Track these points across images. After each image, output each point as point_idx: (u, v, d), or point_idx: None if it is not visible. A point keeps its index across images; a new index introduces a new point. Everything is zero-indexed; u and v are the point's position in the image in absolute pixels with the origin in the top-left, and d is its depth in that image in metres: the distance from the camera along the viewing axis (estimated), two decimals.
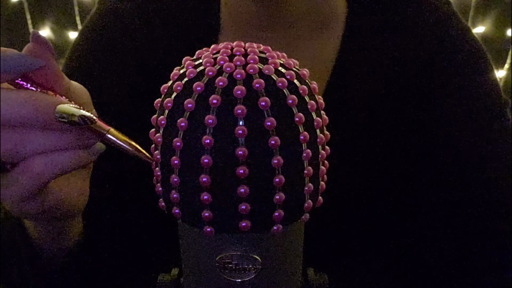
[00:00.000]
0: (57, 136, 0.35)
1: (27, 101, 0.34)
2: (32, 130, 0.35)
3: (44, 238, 0.48)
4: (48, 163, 0.36)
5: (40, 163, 0.36)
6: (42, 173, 0.36)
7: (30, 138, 0.35)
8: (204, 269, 0.35)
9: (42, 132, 0.35)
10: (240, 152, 0.31)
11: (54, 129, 0.35)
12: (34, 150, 0.35)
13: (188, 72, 0.33)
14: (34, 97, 0.35)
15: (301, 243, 0.37)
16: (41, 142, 0.35)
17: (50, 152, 0.36)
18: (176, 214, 0.34)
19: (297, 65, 0.35)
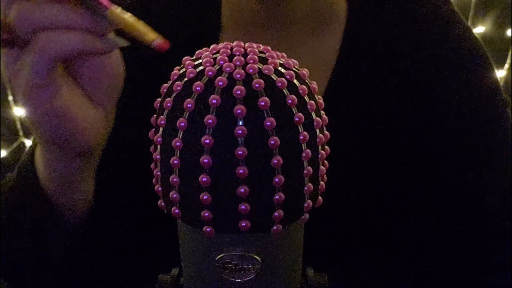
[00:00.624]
0: (65, 12, 0.37)
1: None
2: (42, 3, 0.37)
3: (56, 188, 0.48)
4: (52, 37, 0.37)
5: (45, 37, 0.37)
6: (46, 47, 0.37)
7: (39, 9, 0.37)
8: (204, 269, 0.35)
9: (52, 6, 0.37)
10: (240, 152, 0.31)
11: (63, 6, 0.37)
12: (41, 22, 0.37)
13: (188, 72, 0.33)
14: None
15: (301, 243, 0.37)
16: (49, 15, 0.37)
17: (57, 30, 0.37)
18: (176, 214, 0.33)
19: (296, 65, 0.35)
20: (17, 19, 0.38)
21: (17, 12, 0.38)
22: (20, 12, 0.37)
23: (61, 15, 0.37)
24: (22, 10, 0.37)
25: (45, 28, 0.38)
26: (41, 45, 0.37)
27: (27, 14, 0.37)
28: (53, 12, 0.37)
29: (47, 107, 0.40)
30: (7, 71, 0.40)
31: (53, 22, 0.37)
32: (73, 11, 0.37)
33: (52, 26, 0.37)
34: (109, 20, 0.37)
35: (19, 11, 0.38)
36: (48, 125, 0.41)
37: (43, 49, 0.37)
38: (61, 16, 0.37)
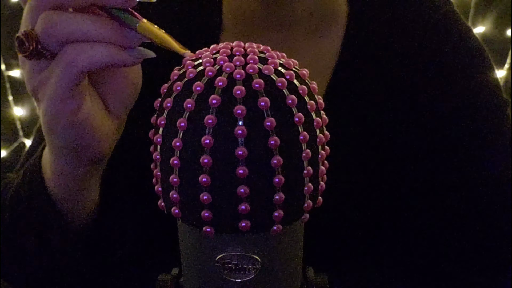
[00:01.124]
0: (94, 25, 0.36)
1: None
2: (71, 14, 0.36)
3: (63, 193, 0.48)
4: (80, 50, 0.36)
5: (73, 49, 0.36)
6: (74, 60, 0.36)
7: (69, 21, 0.36)
8: (204, 269, 0.35)
9: (80, 18, 0.36)
10: (240, 152, 0.31)
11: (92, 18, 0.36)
12: (70, 33, 0.36)
13: (188, 72, 0.33)
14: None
15: (301, 243, 0.37)
16: (79, 27, 0.36)
17: (84, 42, 0.36)
18: (176, 214, 0.33)
19: (296, 65, 0.35)
20: (44, 31, 0.37)
21: (44, 24, 0.37)
22: (47, 24, 0.37)
23: (89, 27, 0.36)
24: (49, 22, 0.37)
25: (73, 40, 0.37)
26: (69, 58, 0.37)
27: (55, 25, 0.36)
28: (81, 24, 0.36)
29: (70, 119, 0.39)
30: (31, 82, 0.40)
31: (81, 34, 0.36)
32: (102, 23, 0.37)
33: (80, 38, 0.37)
34: (139, 33, 0.37)
35: (46, 22, 0.37)
36: (68, 135, 0.41)
37: (71, 62, 0.37)
38: (90, 28, 0.36)
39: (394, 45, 0.62)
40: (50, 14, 0.37)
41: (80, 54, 0.36)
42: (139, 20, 0.37)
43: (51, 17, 0.37)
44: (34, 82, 0.39)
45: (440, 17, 0.63)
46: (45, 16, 0.37)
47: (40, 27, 0.37)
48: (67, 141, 0.42)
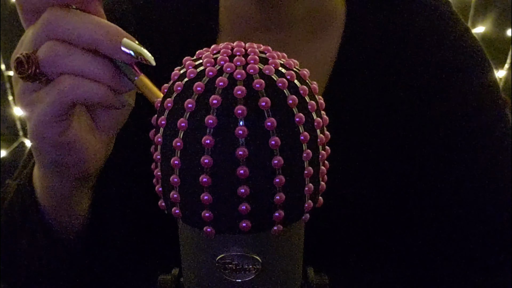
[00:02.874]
0: (95, 65, 0.37)
1: (100, 24, 0.37)
2: (77, 50, 0.37)
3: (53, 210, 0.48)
4: (76, 83, 0.37)
5: (70, 81, 0.37)
6: (68, 91, 0.37)
7: (73, 56, 0.37)
8: (204, 269, 0.35)
9: (86, 56, 0.37)
10: (240, 152, 0.31)
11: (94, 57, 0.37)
12: (70, 68, 0.37)
13: (188, 72, 0.33)
14: (105, 23, 0.37)
15: (301, 243, 0.37)
16: (80, 64, 0.37)
17: (82, 77, 0.37)
18: (176, 214, 0.34)
19: (297, 65, 0.35)
20: (47, 59, 0.37)
21: (48, 52, 0.37)
22: (52, 53, 0.37)
23: (90, 66, 0.37)
24: (53, 50, 0.37)
25: (71, 72, 0.37)
26: (64, 88, 0.37)
27: (59, 57, 0.37)
28: (83, 61, 0.37)
29: (57, 140, 0.40)
30: (22, 100, 0.40)
31: (81, 70, 0.37)
32: (102, 65, 0.38)
33: (79, 73, 0.37)
34: (134, 84, 0.38)
35: (51, 51, 0.37)
36: (54, 154, 0.42)
37: (65, 92, 0.37)
38: (90, 67, 0.37)
39: (392, 46, 0.62)
40: (57, 45, 0.37)
41: (75, 87, 0.37)
42: (138, 75, 0.38)
43: (57, 48, 0.37)
44: (24, 100, 0.40)
45: (438, 18, 0.63)
46: (52, 46, 0.37)
47: (44, 54, 0.37)
48: (53, 160, 0.42)
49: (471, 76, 0.62)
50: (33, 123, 0.40)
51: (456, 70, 0.62)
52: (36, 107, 0.39)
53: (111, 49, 0.37)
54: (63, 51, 0.37)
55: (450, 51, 0.62)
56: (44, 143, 0.41)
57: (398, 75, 0.61)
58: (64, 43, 0.37)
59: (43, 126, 0.39)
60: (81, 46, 0.37)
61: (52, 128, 0.39)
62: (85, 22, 0.37)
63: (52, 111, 0.38)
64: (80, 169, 0.44)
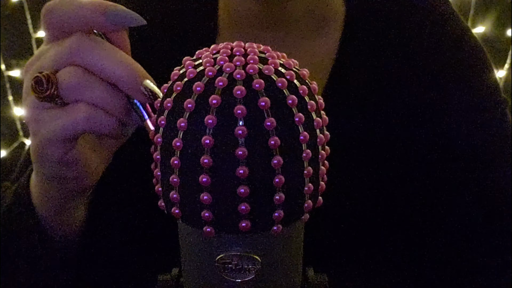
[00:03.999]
0: (113, 98, 0.38)
1: (125, 61, 0.37)
2: (98, 80, 0.37)
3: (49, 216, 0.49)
4: (92, 114, 0.37)
5: (86, 110, 0.37)
6: (82, 120, 0.37)
7: (93, 86, 0.37)
8: (204, 269, 0.35)
9: (105, 88, 0.37)
10: (240, 152, 0.31)
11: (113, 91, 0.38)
12: (89, 97, 0.37)
13: (188, 72, 0.33)
14: (130, 61, 0.38)
15: (301, 243, 0.37)
16: (99, 95, 0.37)
17: (96, 108, 0.38)
18: (176, 214, 0.34)
19: (297, 65, 0.35)
20: (68, 83, 0.37)
21: (70, 76, 0.37)
22: (74, 78, 0.37)
23: (109, 98, 0.38)
24: (76, 77, 0.37)
25: (89, 101, 0.38)
26: (79, 116, 0.38)
27: (80, 83, 0.37)
28: (103, 92, 0.37)
29: (59, 158, 0.40)
30: (30, 114, 0.40)
31: (99, 101, 0.37)
32: (119, 98, 0.38)
33: (96, 103, 0.38)
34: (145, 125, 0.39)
35: (73, 76, 0.37)
36: (54, 170, 0.42)
37: (79, 120, 0.38)
38: (109, 99, 0.38)
39: (391, 45, 0.62)
40: (80, 72, 0.37)
41: (89, 118, 0.38)
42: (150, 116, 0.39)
43: (79, 75, 0.37)
44: (34, 116, 0.40)
45: (437, 17, 0.63)
46: (74, 72, 0.37)
47: (66, 78, 0.37)
48: (53, 174, 0.42)
49: (471, 76, 0.62)
50: (39, 140, 0.40)
51: (456, 70, 0.62)
52: (45, 125, 0.39)
53: (131, 89, 0.37)
54: (85, 79, 0.37)
55: (450, 51, 0.62)
56: (47, 160, 0.41)
57: (397, 75, 0.61)
58: (87, 72, 0.37)
59: (49, 145, 0.39)
60: (102, 78, 0.38)
61: (57, 148, 0.39)
62: (111, 56, 0.37)
63: (62, 134, 0.38)
64: (79, 183, 0.44)
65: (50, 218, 0.49)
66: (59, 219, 0.50)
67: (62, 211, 0.49)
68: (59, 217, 0.50)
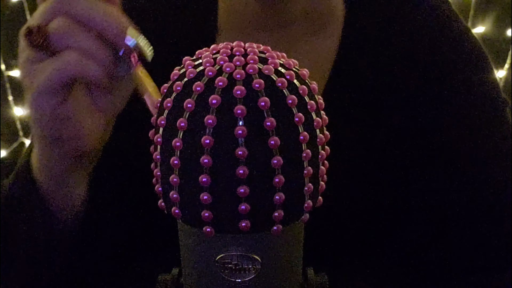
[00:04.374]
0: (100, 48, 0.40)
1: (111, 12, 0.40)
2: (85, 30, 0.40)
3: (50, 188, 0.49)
4: (79, 59, 0.40)
5: (73, 55, 0.40)
6: (70, 64, 0.40)
7: (81, 34, 0.40)
8: (204, 269, 0.35)
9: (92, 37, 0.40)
10: (240, 152, 0.31)
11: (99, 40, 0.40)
12: (77, 45, 0.40)
13: (188, 72, 0.33)
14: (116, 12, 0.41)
15: (301, 243, 0.37)
16: (86, 43, 0.40)
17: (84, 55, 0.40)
18: (176, 214, 0.34)
19: (296, 65, 0.35)
20: (57, 33, 0.40)
21: (59, 25, 0.40)
22: (62, 27, 0.40)
23: (96, 47, 0.40)
24: (65, 26, 0.40)
25: (77, 49, 0.40)
26: (67, 61, 0.40)
27: (68, 31, 0.40)
28: (90, 41, 0.40)
29: (54, 112, 0.42)
30: (24, 69, 0.42)
31: (86, 49, 0.40)
32: (106, 48, 0.40)
33: (83, 51, 0.40)
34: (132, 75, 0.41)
35: (62, 25, 0.40)
36: (50, 127, 0.43)
37: (66, 64, 0.40)
38: (95, 47, 0.40)
39: (391, 45, 0.62)
40: (68, 21, 0.40)
41: (77, 62, 0.40)
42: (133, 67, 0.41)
43: (68, 24, 0.40)
44: (26, 70, 0.42)
45: (437, 17, 0.63)
46: (64, 21, 0.40)
47: (55, 27, 0.40)
48: (49, 132, 0.44)
49: (471, 76, 0.62)
50: (32, 92, 0.42)
51: (456, 70, 0.62)
52: (37, 77, 0.41)
53: (116, 36, 0.40)
54: (72, 28, 0.40)
55: (450, 51, 0.62)
56: (41, 115, 0.42)
57: (397, 75, 0.61)
58: (75, 22, 0.40)
59: (41, 96, 0.41)
60: (89, 28, 0.40)
61: (49, 99, 0.41)
62: (97, 6, 0.40)
63: (52, 81, 0.40)
64: (75, 145, 0.45)
65: (51, 193, 0.50)
66: (59, 194, 0.50)
67: (62, 184, 0.49)
68: (60, 192, 0.50)
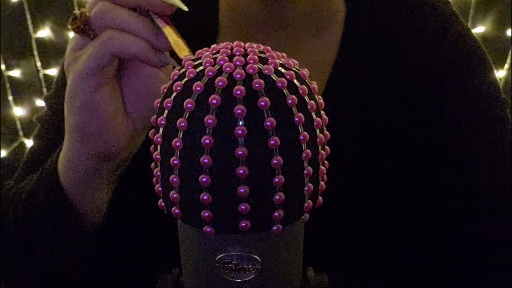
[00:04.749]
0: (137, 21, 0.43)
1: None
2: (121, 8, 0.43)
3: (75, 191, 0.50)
4: (117, 35, 0.43)
5: (112, 32, 0.43)
6: (109, 41, 0.43)
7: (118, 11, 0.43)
8: (204, 269, 0.35)
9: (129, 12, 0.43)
10: (240, 152, 0.31)
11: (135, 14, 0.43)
12: (115, 21, 0.43)
13: (188, 72, 0.33)
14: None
15: (301, 243, 0.37)
16: (125, 19, 0.43)
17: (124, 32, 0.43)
18: (176, 214, 0.34)
19: (297, 65, 0.35)
20: (95, 15, 0.43)
21: (97, 10, 0.44)
22: (99, 11, 0.43)
23: (131, 21, 0.43)
24: (101, 9, 0.43)
25: (114, 27, 0.43)
26: (106, 38, 0.43)
27: (105, 13, 0.43)
28: (126, 17, 0.43)
29: (86, 98, 0.44)
30: (69, 57, 0.46)
31: (124, 24, 0.43)
32: (143, 22, 0.43)
33: (121, 27, 0.43)
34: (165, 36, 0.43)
35: (99, 9, 0.44)
36: (81, 114, 0.45)
37: (106, 42, 0.43)
38: (132, 21, 0.43)
39: (391, 45, 0.62)
40: (106, 3, 0.44)
41: (116, 38, 0.43)
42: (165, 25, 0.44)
43: (105, 5, 0.44)
44: (71, 57, 0.45)
45: (437, 17, 0.63)
46: (101, 4, 0.44)
47: (93, 12, 0.44)
48: (79, 121, 0.46)
49: (471, 76, 0.62)
50: (70, 78, 0.44)
51: (456, 70, 0.62)
52: (79, 61, 0.44)
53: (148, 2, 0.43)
54: (109, 8, 0.43)
55: (450, 51, 0.62)
56: (74, 101, 0.45)
57: (397, 75, 0.61)
58: (112, 4, 0.43)
59: (77, 79, 0.44)
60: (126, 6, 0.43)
61: (85, 83, 0.44)
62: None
63: (90, 61, 0.43)
64: (100, 143, 0.46)
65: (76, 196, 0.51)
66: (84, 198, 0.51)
67: (86, 188, 0.50)
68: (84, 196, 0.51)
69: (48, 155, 0.55)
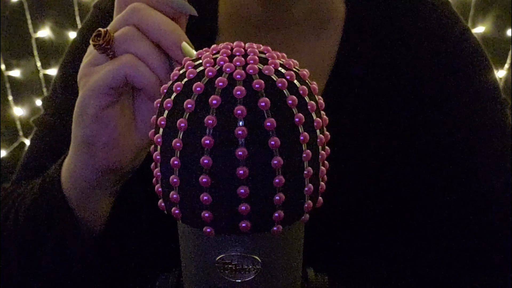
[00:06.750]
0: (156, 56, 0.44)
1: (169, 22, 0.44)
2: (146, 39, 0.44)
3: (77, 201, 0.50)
4: (135, 63, 0.43)
5: (131, 58, 0.43)
6: (126, 65, 0.43)
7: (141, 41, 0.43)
8: (204, 270, 0.35)
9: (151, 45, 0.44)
10: (240, 152, 0.31)
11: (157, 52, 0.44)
12: (136, 50, 0.43)
13: (188, 72, 0.33)
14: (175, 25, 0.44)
15: (301, 243, 0.37)
16: (145, 49, 0.43)
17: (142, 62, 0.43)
18: (176, 214, 0.34)
19: (297, 66, 0.35)
20: (120, 37, 0.43)
21: (123, 31, 0.44)
22: (125, 32, 0.44)
23: (153, 54, 0.43)
24: (127, 32, 0.44)
25: (135, 55, 0.43)
26: (125, 62, 0.43)
27: (130, 37, 0.43)
28: (149, 48, 0.43)
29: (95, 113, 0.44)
30: (83, 69, 0.45)
31: (144, 56, 0.43)
32: (161, 57, 0.44)
33: (141, 57, 0.43)
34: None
35: (126, 32, 0.44)
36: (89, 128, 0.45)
37: (125, 66, 0.43)
38: (153, 55, 0.43)
39: (391, 46, 0.62)
40: (132, 29, 0.44)
41: (135, 66, 0.43)
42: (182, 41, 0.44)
43: (131, 31, 0.44)
44: (85, 70, 0.45)
45: (437, 17, 0.63)
46: (128, 29, 0.44)
47: (119, 34, 0.44)
48: (88, 134, 0.45)
49: (471, 76, 0.62)
50: (85, 91, 0.44)
51: (456, 70, 0.62)
52: (93, 76, 0.44)
53: (171, 45, 0.43)
54: (135, 35, 0.43)
55: (450, 51, 0.62)
56: (84, 114, 0.45)
57: (397, 75, 0.61)
58: (138, 30, 0.44)
59: (93, 94, 0.44)
60: (150, 38, 0.44)
61: (97, 99, 0.44)
62: (159, 17, 0.44)
63: (105, 80, 0.43)
64: (107, 157, 0.46)
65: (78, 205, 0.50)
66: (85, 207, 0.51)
67: (89, 198, 0.50)
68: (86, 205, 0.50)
69: (46, 159, 0.55)
